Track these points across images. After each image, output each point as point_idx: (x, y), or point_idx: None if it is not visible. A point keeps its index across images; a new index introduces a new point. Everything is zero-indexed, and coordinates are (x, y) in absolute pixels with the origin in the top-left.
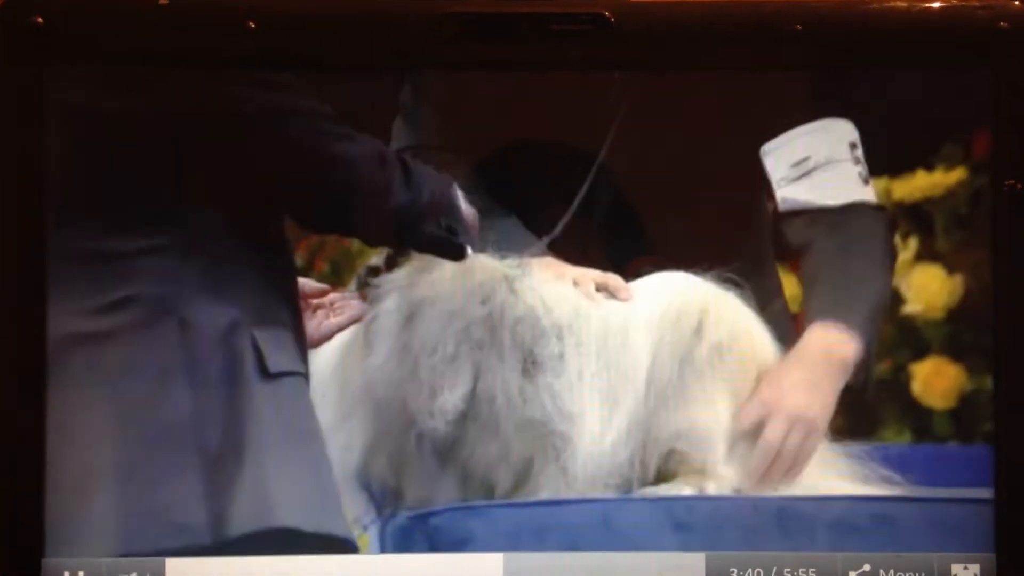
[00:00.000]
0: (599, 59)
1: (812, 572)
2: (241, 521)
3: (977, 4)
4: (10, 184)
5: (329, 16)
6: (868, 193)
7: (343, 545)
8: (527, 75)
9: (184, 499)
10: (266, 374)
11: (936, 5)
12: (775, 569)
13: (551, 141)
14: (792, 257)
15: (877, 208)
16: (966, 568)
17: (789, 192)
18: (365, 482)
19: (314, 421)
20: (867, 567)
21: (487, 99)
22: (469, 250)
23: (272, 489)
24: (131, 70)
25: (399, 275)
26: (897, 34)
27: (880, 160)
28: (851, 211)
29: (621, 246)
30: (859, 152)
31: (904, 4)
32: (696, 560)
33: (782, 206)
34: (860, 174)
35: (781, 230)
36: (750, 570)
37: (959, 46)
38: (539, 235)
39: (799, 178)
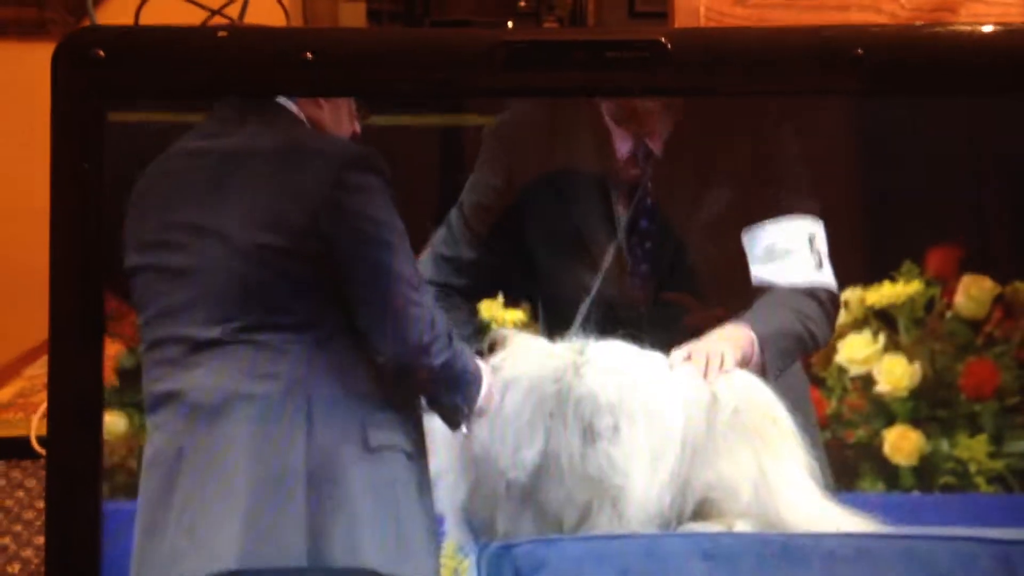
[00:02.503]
0: (656, 87)
1: None
2: (332, 556)
3: None
4: (71, 219)
5: (383, 46)
6: (821, 276)
7: None
8: (581, 104)
9: (290, 531)
10: (367, 447)
11: (1000, 29)
12: None
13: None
14: None
15: (826, 289)
16: None
17: (759, 271)
18: (468, 518)
19: (408, 488)
20: None
21: (541, 128)
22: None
23: (360, 536)
24: None
25: (496, 359)
26: (960, 60)
27: (856, 274)
28: (807, 288)
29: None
30: (816, 242)
31: (967, 28)
32: None
33: (753, 281)
34: (815, 262)
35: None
36: None
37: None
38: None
39: (767, 260)
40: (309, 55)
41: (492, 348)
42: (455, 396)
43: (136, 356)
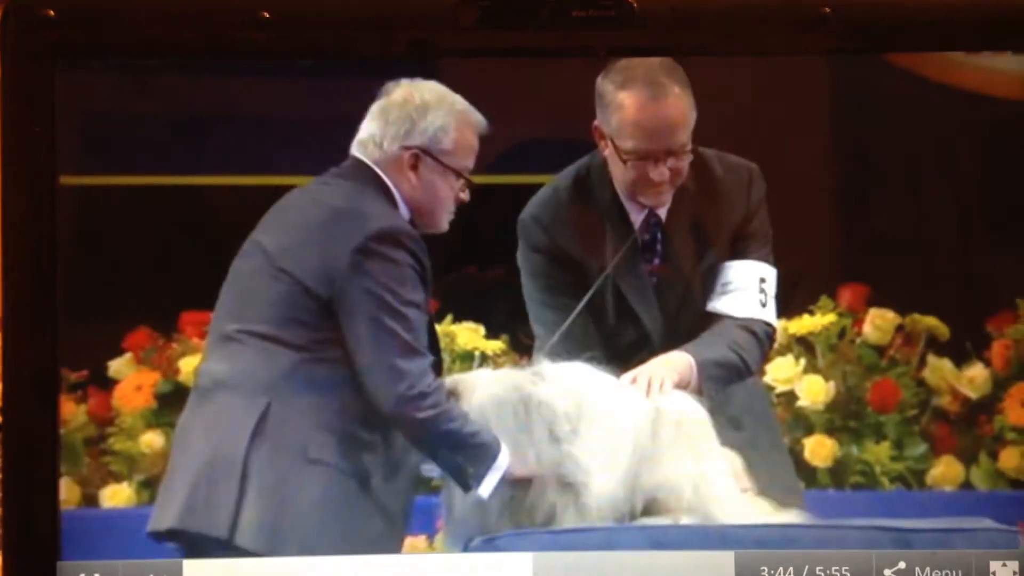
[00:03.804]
0: (622, 46)
1: (846, 571)
2: (247, 537)
3: None
4: (21, 185)
5: (345, 4)
6: (763, 313)
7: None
8: (547, 64)
9: (219, 508)
10: (305, 458)
11: None
12: (807, 568)
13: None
14: None
15: (766, 323)
16: (1004, 565)
17: (713, 302)
18: (456, 520)
19: (330, 498)
20: (902, 564)
21: (506, 88)
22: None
23: (276, 527)
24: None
25: (463, 405)
26: (928, 17)
27: (781, 308)
28: (748, 322)
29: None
30: (764, 284)
31: None
32: (725, 559)
33: (707, 308)
34: (760, 300)
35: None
36: (780, 568)
37: (994, 30)
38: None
39: (722, 294)
40: (266, 14)
41: (452, 397)
42: (455, 456)
43: (171, 383)
